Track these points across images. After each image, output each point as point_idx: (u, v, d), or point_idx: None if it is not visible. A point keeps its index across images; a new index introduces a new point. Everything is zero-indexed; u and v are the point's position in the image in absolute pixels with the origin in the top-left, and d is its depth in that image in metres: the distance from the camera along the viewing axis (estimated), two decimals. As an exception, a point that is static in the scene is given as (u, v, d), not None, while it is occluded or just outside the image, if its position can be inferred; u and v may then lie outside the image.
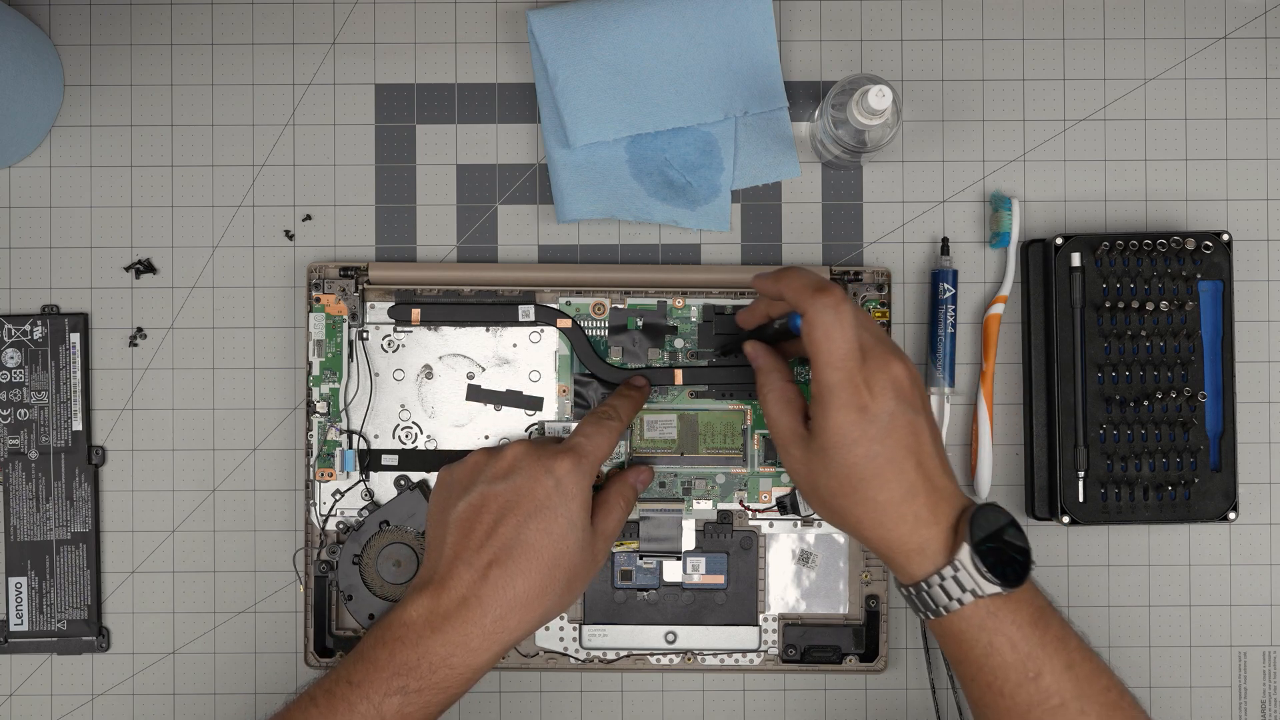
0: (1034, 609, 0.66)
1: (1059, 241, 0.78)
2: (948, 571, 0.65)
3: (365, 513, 0.79)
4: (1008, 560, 0.66)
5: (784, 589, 0.79)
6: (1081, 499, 0.77)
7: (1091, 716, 0.66)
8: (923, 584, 0.66)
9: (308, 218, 0.81)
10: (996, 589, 0.65)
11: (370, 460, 0.79)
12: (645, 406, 0.79)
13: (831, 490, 0.67)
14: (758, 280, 0.71)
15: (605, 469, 0.78)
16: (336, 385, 0.79)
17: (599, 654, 0.79)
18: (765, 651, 0.79)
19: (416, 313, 0.79)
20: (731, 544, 0.79)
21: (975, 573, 0.65)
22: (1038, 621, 0.66)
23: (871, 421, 0.66)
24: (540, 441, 0.74)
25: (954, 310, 0.79)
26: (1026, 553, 0.66)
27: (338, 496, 0.79)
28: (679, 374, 0.79)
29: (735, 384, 0.79)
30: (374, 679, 0.67)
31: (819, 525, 0.79)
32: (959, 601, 0.65)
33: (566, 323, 0.79)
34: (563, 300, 0.79)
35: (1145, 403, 0.77)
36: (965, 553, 0.65)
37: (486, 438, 0.79)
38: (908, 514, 0.66)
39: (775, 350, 0.74)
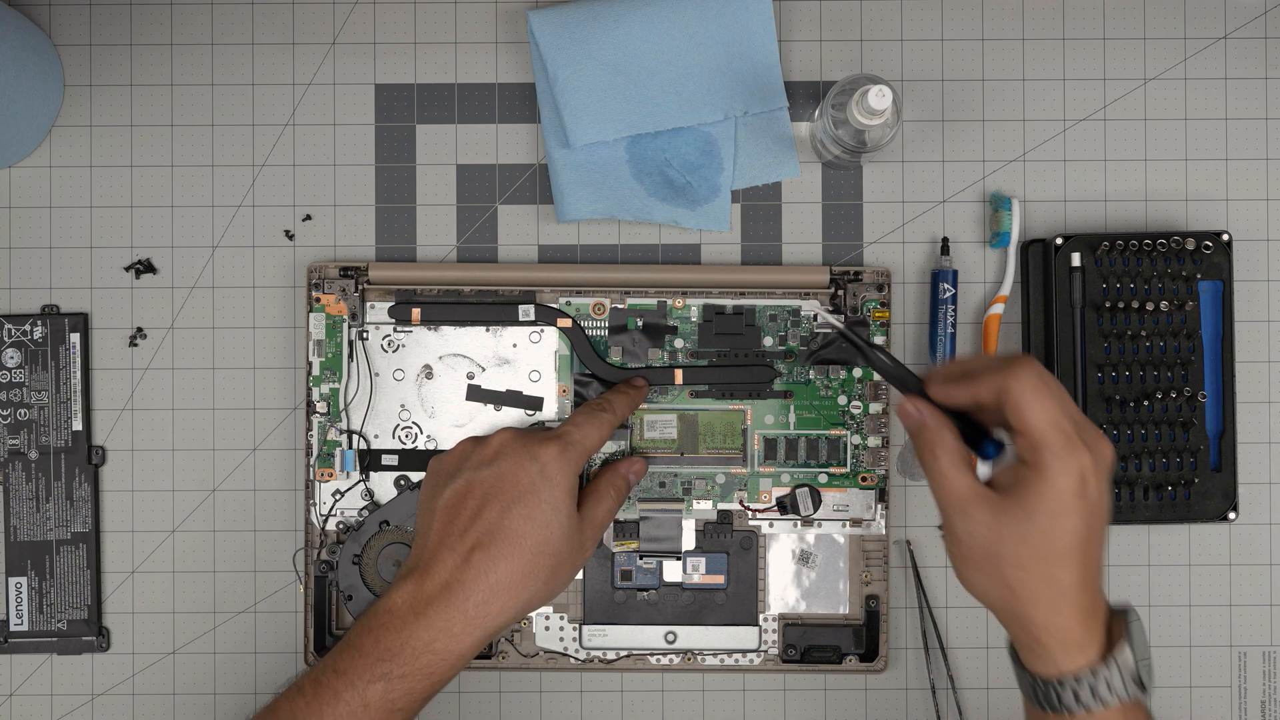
0: (1146, 714, 0.65)
1: (1059, 241, 0.78)
2: (1101, 671, 0.63)
3: (365, 513, 0.79)
4: (1144, 666, 0.64)
5: (784, 589, 0.79)
6: (1081, 499, 0.77)
7: None
8: (1071, 679, 0.63)
9: (308, 218, 0.81)
10: (1140, 696, 0.63)
11: (370, 460, 0.79)
12: (645, 406, 0.79)
13: (1018, 559, 0.63)
14: (941, 390, 0.67)
15: (600, 460, 0.78)
16: (336, 385, 0.79)
17: (599, 654, 0.79)
18: (765, 651, 0.79)
19: (416, 312, 0.79)
20: (731, 544, 0.79)
21: (1130, 678, 0.63)
22: None
23: (1087, 497, 0.62)
24: (528, 429, 0.74)
25: (954, 310, 0.79)
26: (1149, 659, 0.64)
27: (338, 496, 0.79)
28: (679, 374, 0.79)
29: (735, 384, 0.79)
30: (358, 666, 0.67)
31: (819, 525, 0.79)
32: (1103, 704, 0.63)
33: (567, 322, 0.79)
34: (563, 300, 0.79)
35: (1145, 403, 0.77)
36: (1128, 656, 0.63)
37: (486, 438, 0.79)
38: (1080, 603, 0.63)
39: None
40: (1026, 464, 0.63)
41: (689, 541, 0.79)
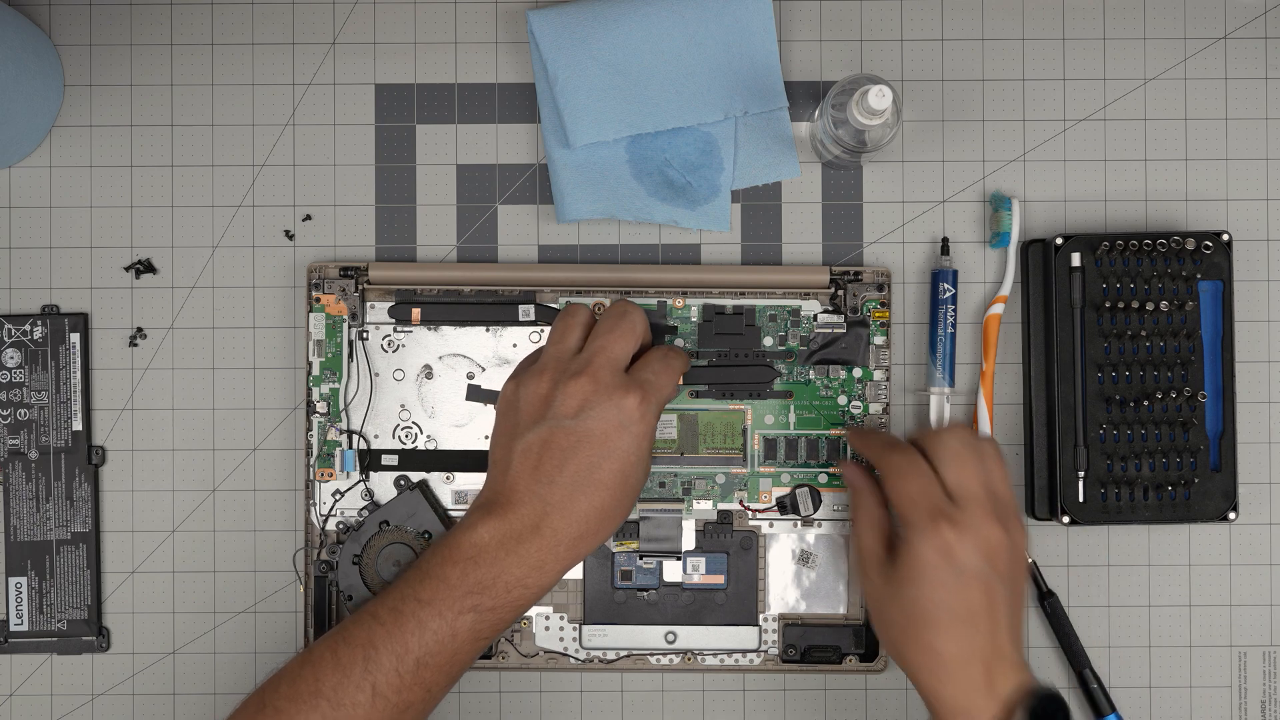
0: None
1: (1059, 241, 0.78)
2: None
3: (365, 513, 0.79)
4: None
5: (784, 589, 0.79)
6: (1081, 499, 0.77)
7: None
8: None
9: (308, 218, 0.81)
10: None
11: (370, 460, 0.79)
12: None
13: (898, 625, 0.68)
14: (853, 438, 0.77)
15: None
16: (336, 385, 0.79)
17: (599, 654, 0.79)
18: (765, 651, 0.79)
19: (417, 312, 0.79)
20: (731, 544, 0.79)
21: None
22: None
23: (952, 570, 0.67)
24: (606, 367, 0.71)
25: (954, 310, 0.79)
26: None
27: (338, 496, 0.79)
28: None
29: (735, 384, 0.79)
30: (446, 597, 0.68)
31: (819, 526, 0.79)
32: None
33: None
34: (563, 300, 0.79)
35: (1145, 403, 0.77)
36: None
37: (486, 437, 0.79)
38: (962, 675, 0.66)
39: (871, 476, 0.75)
40: (904, 533, 0.69)
41: (689, 541, 0.79)
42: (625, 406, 0.70)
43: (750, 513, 0.79)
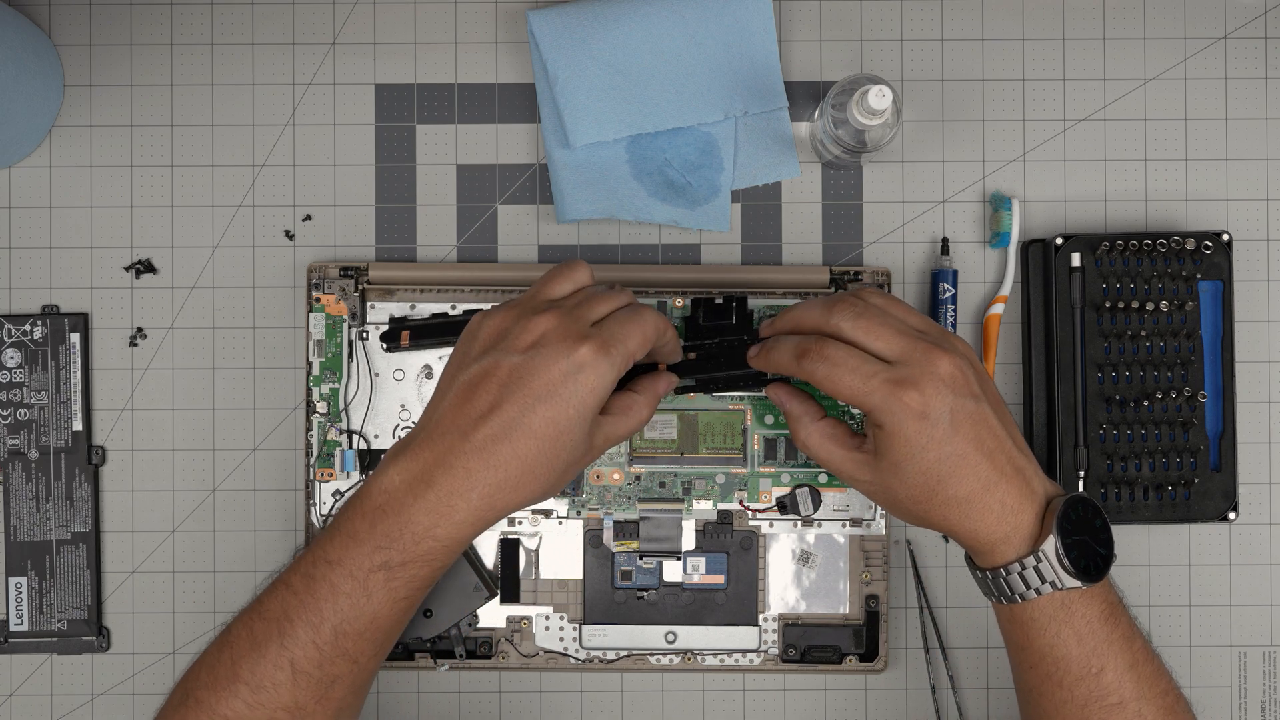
0: (1106, 605, 0.66)
1: (1059, 241, 0.78)
2: (1029, 561, 0.65)
3: (365, 513, 0.79)
4: (1091, 554, 0.65)
5: (784, 589, 0.79)
6: (1081, 499, 0.77)
7: (1148, 718, 0.66)
8: (1001, 570, 0.66)
9: (308, 218, 0.81)
10: (1076, 583, 0.65)
11: (370, 460, 0.79)
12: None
13: (914, 499, 0.67)
14: (766, 330, 0.72)
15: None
16: (336, 385, 0.79)
17: (599, 654, 0.79)
18: (765, 651, 0.79)
19: (406, 334, 0.78)
20: (731, 544, 0.79)
21: (1058, 566, 0.64)
22: (1108, 618, 0.66)
23: (935, 424, 0.65)
24: (574, 313, 0.66)
25: (954, 310, 0.79)
26: (1110, 546, 0.66)
27: (338, 496, 0.79)
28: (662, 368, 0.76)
29: (721, 375, 0.75)
30: (354, 555, 0.63)
31: (819, 526, 0.79)
32: (1036, 591, 0.65)
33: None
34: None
35: (1145, 403, 0.77)
36: (1051, 545, 0.65)
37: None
38: (992, 504, 0.66)
39: (798, 389, 0.73)
40: (872, 425, 0.67)
41: (689, 541, 0.79)
42: (577, 353, 0.64)
43: (750, 513, 0.79)
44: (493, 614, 0.79)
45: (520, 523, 0.79)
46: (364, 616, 0.64)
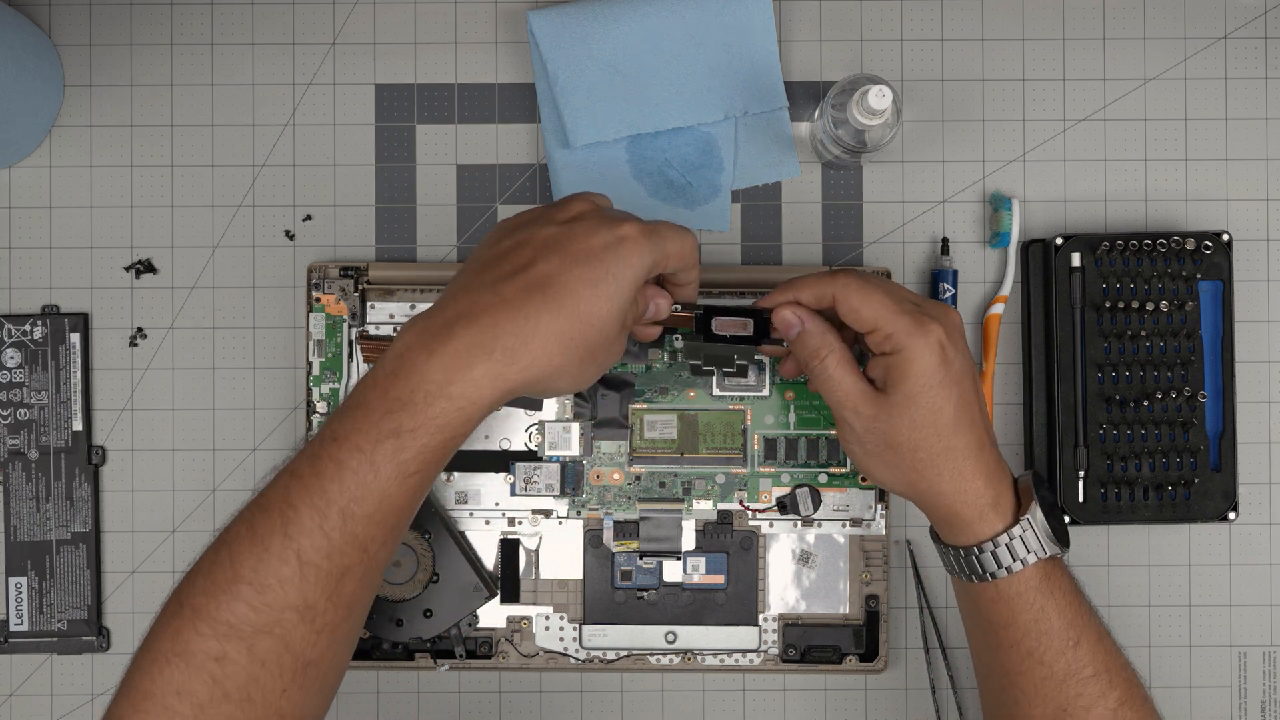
0: (1071, 578, 0.68)
1: (1059, 241, 0.78)
2: (1016, 531, 0.66)
3: (365, 513, 0.78)
4: (1058, 523, 0.67)
5: (784, 589, 0.79)
6: (1081, 499, 0.77)
7: (1118, 690, 0.66)
8: (990, 544, 0.66)
9: (308, 218, 0.81)
10: (1057, 551, 0.66)
11: (370, 460, 0.79)
12: (644, 406, 0.79)
13: (913, 442, 0.66)
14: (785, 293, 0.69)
15: None
16: (336, 385, 0.79)
17: (599, 654, 0.79)
18: (765, 651, 0.79)
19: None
20: (731, 544, 0.79)
21: (1044, 534, 0.66)
22: (1078, 590, 0.67)
23: (949, 363, 0.65)
24: (612, 208, 0.65)
25: (954, 310, 0.79)
26: (1062, 518, 0.68)
27: (338, 496, 0.79)
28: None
29: (731, 342, 0.72)
30: (363, 425, 0.58)
31: (819, 525, 0.79)
32: (1021, 563, 0.66)
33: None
34: (563, 300, 0.79)
35: (1145, 403, 0.77)
36: (1038, 513, 0.66)
37: (486, 438, 0.79)
38: (981, 467, 0.66)
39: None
40: (888, 354, 0.66)
41: (689, 541, 0.79)
42: (620, 227, 0.62)
43: (750, 513, 0.79)
44: (493, 614, 0.79)
45: (520, 523, 0.79)
46: (372, 495, 0.58)
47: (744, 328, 0.71)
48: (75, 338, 0.80)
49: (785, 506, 0.79)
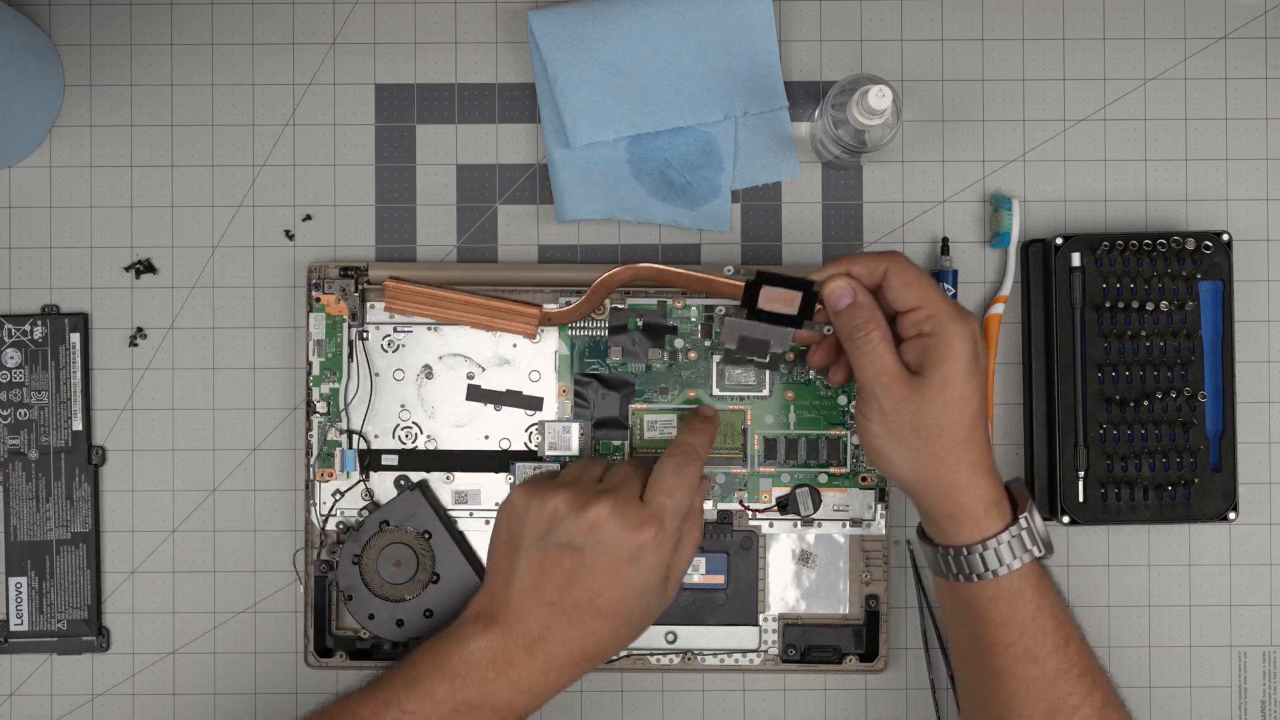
0: (1053, 579, 0.69)
1: (1059, 241, 0.78)
2: (1015, 529, 0.67)
3: (365, 513, 0.79)
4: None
5: (784, 589, 0.79)
6: (1081, 499, 0.77)
7: (1101, 690, 0.68)
8: (993, 540, 0.67)
9: (308, 218, 0.81)
10: (1050, 553, 0.68)
11: (370, 460, 0.79)
12: (645, 406, 0.79)
13: (941, 427, 0.67)
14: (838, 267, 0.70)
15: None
16: (336, 385, 0.79)
17: (599, 654, 0.79)
18: (765, 651, 0.79)
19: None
20: (731, 544, 0.79)
21: (1039, 532, 0.68)
22: (1059, 591, 0.69)
23: (977, 357, 0.68)
24: (622, 493, 0.70)
25: (954, 310, 0.79)
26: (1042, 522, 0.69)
27: (338, 496, 0.79)
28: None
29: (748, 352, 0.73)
30: (431, 713, 0.67)
31: (819, 526, 0.79)
32: (1020, 562, 0.67)
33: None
34: (563, 300, 0.79)
35: (1145, 403, 0.77)
36: (1035, 511, 0.68)
37: (486, 438, 0.79)
38: (990, 465, 0.68)
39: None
40: (927, 335, 0.67)
41: (689, 541, 0.79)
42: (639, 540, 0.68)
43: (750, 513, 0.79)
44: (493, 614, 0.79)
45: (520, 523, 0.79)
46: None
47: (789, 304, 0.71)
48: (75, 338, 0.80)
49: (785, 506, 0.79)
